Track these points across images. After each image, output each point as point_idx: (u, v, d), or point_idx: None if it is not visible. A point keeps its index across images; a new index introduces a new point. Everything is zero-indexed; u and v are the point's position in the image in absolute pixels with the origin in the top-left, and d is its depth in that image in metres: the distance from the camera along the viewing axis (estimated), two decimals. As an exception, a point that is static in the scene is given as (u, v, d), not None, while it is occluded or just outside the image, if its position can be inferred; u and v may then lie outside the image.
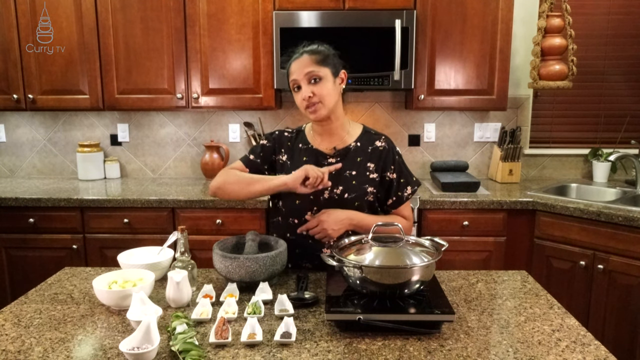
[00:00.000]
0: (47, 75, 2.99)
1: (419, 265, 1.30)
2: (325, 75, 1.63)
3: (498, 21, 2.86)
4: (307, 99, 1.61)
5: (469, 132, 3.31)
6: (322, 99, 1.62)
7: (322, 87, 1.62)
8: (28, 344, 1.22)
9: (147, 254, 1.69)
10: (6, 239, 2.82)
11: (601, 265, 2.47)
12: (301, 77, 1.62)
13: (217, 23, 2.89)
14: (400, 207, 1.75)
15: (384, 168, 1.72)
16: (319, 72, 1.61)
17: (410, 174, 1.77)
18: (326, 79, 1.63)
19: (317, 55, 1.63)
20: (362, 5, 2.81)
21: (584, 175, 3.34)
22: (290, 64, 1.66)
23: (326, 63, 1.63)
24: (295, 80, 1.64)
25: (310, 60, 1.62)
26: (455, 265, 2.70)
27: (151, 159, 3.41)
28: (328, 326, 1.30)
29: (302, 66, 1.62)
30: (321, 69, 1.62)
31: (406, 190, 1.74)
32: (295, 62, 1.64)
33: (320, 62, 1.62)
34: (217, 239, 1.71)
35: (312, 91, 1.61)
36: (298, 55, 1.65)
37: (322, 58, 1.63)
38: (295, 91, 1.66)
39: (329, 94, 1.63)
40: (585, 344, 1.22)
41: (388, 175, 1.72)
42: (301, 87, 1.63)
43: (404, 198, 1.73)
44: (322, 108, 1.63)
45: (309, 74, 1.61)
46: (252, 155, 1.79)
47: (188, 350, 1.13)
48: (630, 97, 3.30)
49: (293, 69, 1.64)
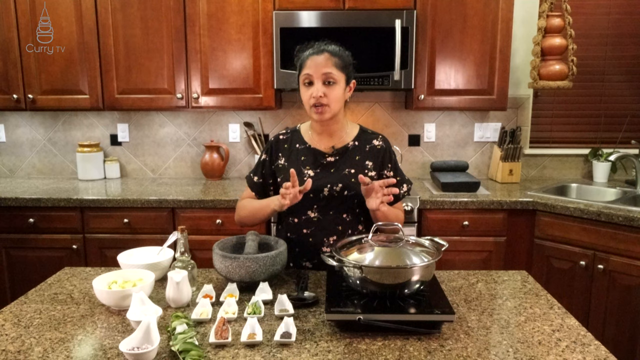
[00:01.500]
0: (47, 75, 2.99)
1: (419, 265, 1.30)
2: (340, 80, 1.63)
3: (498, 21, 2.86)
4: (317, 98, 1.61)
5: (469, 132, 3.31)
6: (330, 102, 1.62)
7: (334, 91, 1.62)
8: (28, 344, 1.22)
9: (147, 254, 1.69)
10: (6, 239, 2.82)
11: (601, 265, 2.47)
12: (317, 75, 1.61)
13: (217, 23, 2.89)
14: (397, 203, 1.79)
15: (382, 166, 1.75)
16: (335, 76, 1.62)
17: (403, 173, 1.82)
18: (339, 85, 1.63)
19: (339, 58, 1.63)
20: (362, 5, 2.81)
21: (584, 175, 3.34)
22: (307, 57, 1.63)
23: (345, 69, 1.64)
24: (309, 76, 1.62)
25: (331, 61, 1.61)
26: (455, 265, 2.70)
27: (151, 159, 3.41)
28: (328, 326, 1.30)
29: (322, 64, 1.61)
30: (339, 73, 1.62)
31: (402, 187, 1.77)
32: (314, 58, 1.62)
33: (339, 67, 1.63)
34: (217, 239, 1.71)
35: (325, 92, 1.61)
36: (318, 51, 1.63)
37: (342, 64, 1.64)
38: (305, 85, 1.64)
39: (338, 99, 1.64)
40: (585, 344, 1.22)
41: (385, 173, 1.75)
42: (313, 83, 1.62)
43: (400, 195, 1.76)
44: (328, 111, 1.64)
45: (326, 74, 1.61)
46: (255, 176, 1.82)
47: (188, 350, 1.13)
48: (630, 97, 3.30)
49: (310, 64, 1.62)
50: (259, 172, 1.82)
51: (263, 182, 1.81)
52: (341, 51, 1.67)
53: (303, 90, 1.66)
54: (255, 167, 1.84)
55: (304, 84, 1.65)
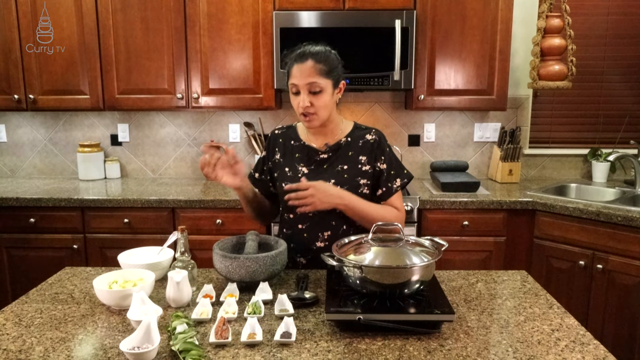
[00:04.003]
0: (48, 75, 3.00)
1: (419, 265, 1.30)
2: (326, 87, 1.61)
3: (498, 21, 2.86)
4: (304, 108, 1.62)
5: (469, 132, 3.32)
6: (318, 110, 1.63)
7: (321, 99, 1.62)
8: (29, 344, 1.23)
9: (147, 254, 1.70)
10: (7, 239, 2.82)
11: (600, 265, 2.47)
12: (302, 85, 1.60)
13: (217, 23, 2.90)
14: (391, 198, 1.74)
15: (375, 159, 1.73)
16: (321, 84, 1.60)
17: (402, 167, 1.78)
18: (326, 92, 1.62)
19: (323, 64, 1.60)
20: (362, 6, 2.82)
21: (583, 175, 3.34)
22: (293, 66, 1.62)
23: (329, 75, 1.61)
24: (295, 85, 1.62)
25: (314, 69, 1.59)
26: (455, 265, 2.71)
27: (151, 159, 3.42)
28: (328, 326, 1.30)
29: (305, 74, 1.59)
30: (323, 80, 1.60)
31: (395, 182, 1.74)
32: (299, 66, 1.60)
33: (324, 74, 1.60)
34: (217, 239, 1.71)
35: (311, 102, 1.61)
36: (302, 58, 1.60)
37: (327, 70, 1.60)
38: (293, 93, 1.66)
39: (326, 106, 1.64)
40: (585, 343, 1.23)
41: (378, 165, 1.73)
42: (299, 92, 1.62)
43: (393, 189, 1.73)
44: (316, 119, 1.65)
45: (311, 84, 1.59)
46: (257, 173, 1.86)
47: (188, 350, 1.14)
48: (629, 97, 3.30)
49: (295, 73, 1.61)
50: (260, 168, 1.85)
51: (264, 179, 1.84)
52: (326, 53, 1.62)
53: (292, 98, 1.67)
54: (257, 164, 1.87)
55: (291, 91, 1.66)
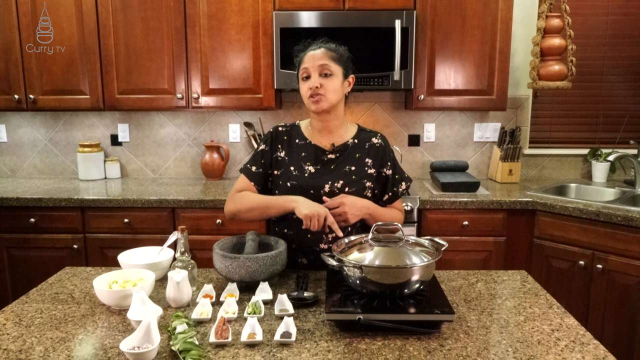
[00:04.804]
0: (48, 75, 3.00)
1: (419, 265, 1.30)
2: (337, 72, 1.67)
3: (498, 21, 2.86)
4: (313, 89, 1.64)
5: (469, 132, 3.32)
6: (327, 92, 1.66)
7: (331, 82, 1.66)
8: (29, 344, 1.23)
9: (147, 254, 1.70)
10: (7, 239, 2.82)
11: (600, 265, 2.47)
12: (314, 68, 1.66)
13: (217, 23, 2.90)
14: (396, 202, 1.81)
15: (381, 164, 1.76)
16: (332, 68, 1.66)
17: (403, 171, 1.82)
18: (336, 77, 1.67)
19: (334, 52, 1.69)
20: (362, 6, 2.82)
21: (583, 175, 3.34)
22: (305, 54, 1.69)
23: (341, 62, 1.69)
24: (306, 70, 1.67)
25: (326, 55, 1.67)
26: (455, 265, 2.71)
27: (151, 159, 3.42)
28: (328, 326, 1.30)
29: (318, 58, 1.66)
30: (335, 65, 1.67)
31: (401, 185, 1.79)
32: (311, 53, 1.68)
33: (335, 60, 1.67)
34: (217, 239, 1.71)
35: (321, 83, 1.65)
36: (316, 47, 1.69)
37: (338, 57, 1.69)
38: (303, 80, 1.69)
39: (335, 90, 1.67)
40: (584, 343, 1.23)
41: (385, 171, 1.77)
42: (310, 77, 1.66)
43: (399, 193, 1.79)
44: (325, 101, 1.66)
45: (322, 66, 1.65)
46: (253, 166, 1.79)
47: (188, 350, 1.14)
48: (629, 98, 3.30)
49: (307, 59, 1.68)
50: (258, 162, 1.79)
51: (263, 173, 1.78)
52: (338, 47, 1.72)
53: (302, 85, 1.70)
54: (253, 158, 1.81)
55: (302, 78, 1.70)
